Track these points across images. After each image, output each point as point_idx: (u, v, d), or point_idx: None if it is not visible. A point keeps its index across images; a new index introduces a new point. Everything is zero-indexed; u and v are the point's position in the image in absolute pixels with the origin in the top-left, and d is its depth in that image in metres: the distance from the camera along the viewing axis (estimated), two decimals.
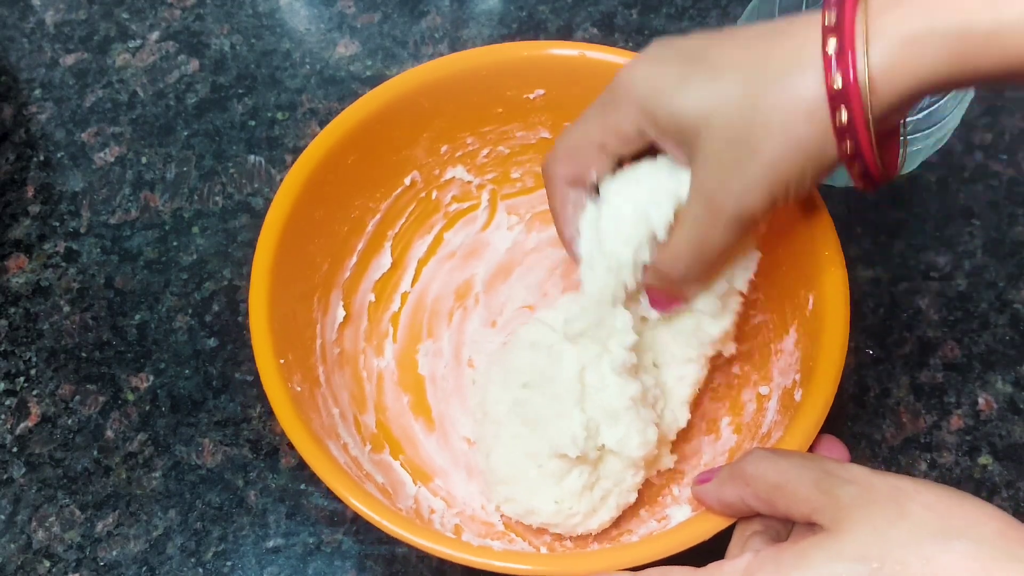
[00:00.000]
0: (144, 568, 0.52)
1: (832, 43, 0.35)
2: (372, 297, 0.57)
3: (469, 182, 0.59)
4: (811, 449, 0.44)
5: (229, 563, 0.52)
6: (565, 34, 0.71)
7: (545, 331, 0.52)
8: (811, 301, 0.49)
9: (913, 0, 0.34)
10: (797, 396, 0.47)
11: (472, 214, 0.60)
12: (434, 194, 0.59)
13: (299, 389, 0.47)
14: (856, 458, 0.55)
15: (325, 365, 0.52)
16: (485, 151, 0.58)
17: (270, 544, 0.53)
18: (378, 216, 0.57)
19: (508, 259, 0.60)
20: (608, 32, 0.71)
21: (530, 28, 0.71)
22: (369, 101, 0.53)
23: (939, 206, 0.62)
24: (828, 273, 0.47)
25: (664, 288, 0.47)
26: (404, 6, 0.72)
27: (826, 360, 0.45)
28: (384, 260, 0.58)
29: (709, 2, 0.72)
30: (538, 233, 0.61)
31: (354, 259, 0.56)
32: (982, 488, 0.53)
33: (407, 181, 0.57)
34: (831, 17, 0.35)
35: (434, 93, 0.54)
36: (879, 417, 0.56)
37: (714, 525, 0.42)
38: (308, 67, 0.69)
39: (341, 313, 0.55)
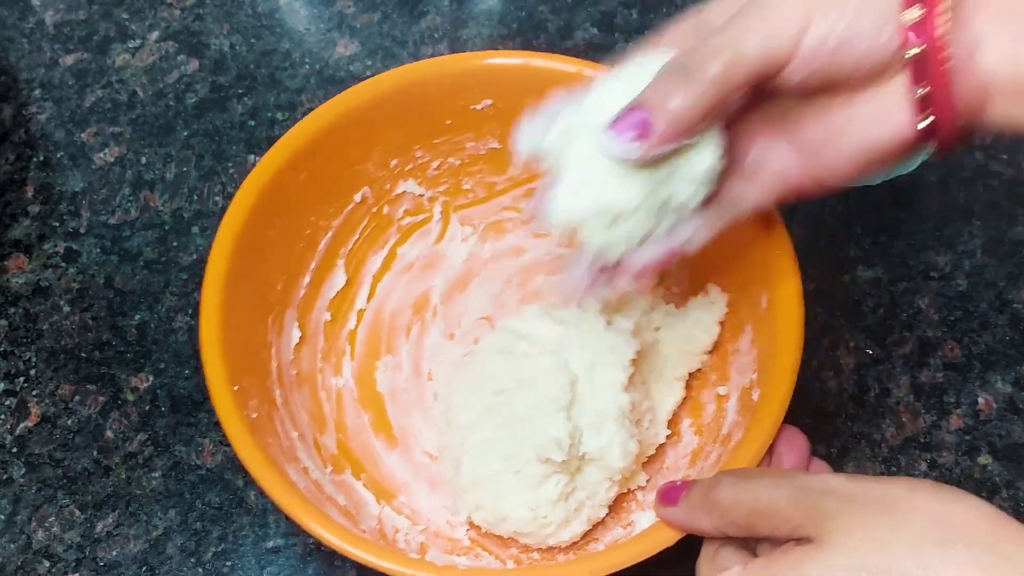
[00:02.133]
0: (144, 568, 0.52)
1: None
2: (328, 316, 0.57)
3: (421, 195, 0.59)
4: (772, 443, 0.44)
5: (229, 563, 0.52)
6: (565, 34, 0.71)
7: (515, 340, 0.52)
8: (764, 300, 0.49)
9: None
10: (755, 396, 0.47)
11: (426, 227, 0.60)
12: (386, 209, 0.58)
13: (255, 415, 0.47)
14: (856, 458, 0.55)
15: (282, 387, 0.52)
16: (436, 163, 0.58)
17: (270, 544, 0.53)
18: (330, 234, 0.56)
19: (465, 270, 0.60)
20: (608, 32, 0.71)
21: (530, 28, 0.71)
22: (318, 118, 0.52)
23: (939, 206, 0.62)
24: (779, 271, 0.47)
25: (654, 112, 0.38)
26: (404, 6, 0.72)
27: (782, 359, 0.45)
28: (338, 278, 0.57)
29: (709, 2, 0.72)
30: (493, 243, 0.60)
31: (307, 278, 0.55)
32: (982, 488, 0.53)
33: (357, 198, 0.56)
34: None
35: (383, 107, 0.54)
36: (879, 417, 0.56)
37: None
38: (308, 67, 0.69)
39: (297, 334, 0.54)
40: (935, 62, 0.34)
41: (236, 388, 0.46)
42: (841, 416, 0.56)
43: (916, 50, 0.35)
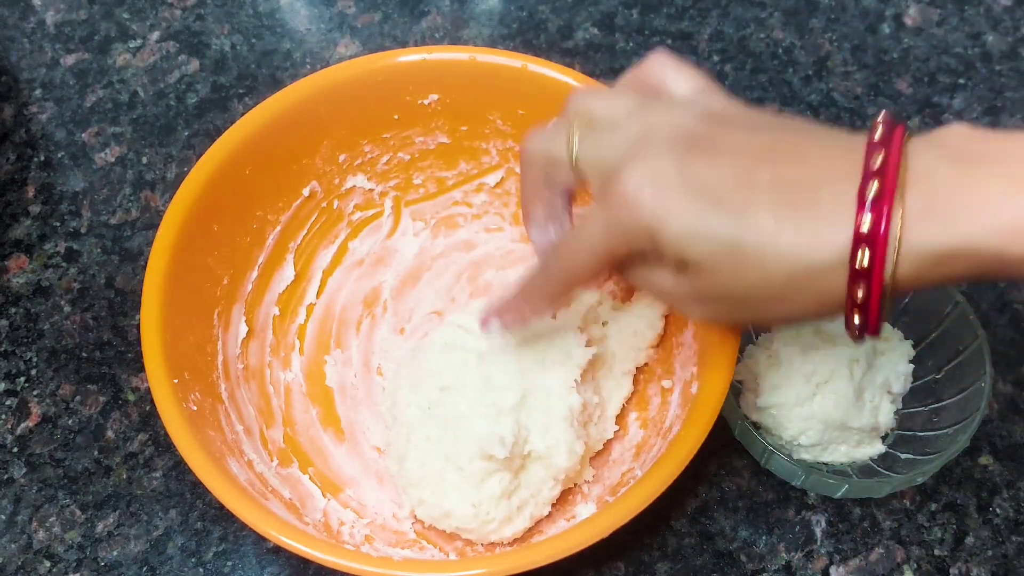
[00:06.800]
0: (144, 568, 0.52)
1: (865, 254, 0.34)
2: (276, 311, 0.56)
3: (371, 190, 0.59)
4: None
5: (229, 563, 0.52)
6: (565, 34, 0.71)
7: (461, 334, 0.52)
8: None
9: (952, 211, 0.33)
10: (694, 389, 0.47)
11: (376, 222, 0.60)
12: (336, 203, 0.58)
13: (195, 408, 0.46)
14: None
15: (228, 381, 0.51)
16: (385, 158, 0.58)
17: (270, 544, 0.53)
18: (278, 228, 0.56)
19: (416, 265, 0.60)
20: (608, 32, 0.71)
21: (530, 28, 0.71)
22: (260, 113, 0.52)
23: None
24: None
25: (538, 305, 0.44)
26: (404, 6, 0.72)
27: (719, 352, 0.45)
28: (287, 272, 0.57)
29: (709, 2, 0.72)
30: (444, 238, 0.61)
31: (255, 273, 0.55)
32: (982, 488, 0.53)
33: (306, 192, 0.56)
34: (866, 221, 0.34)
35: (329, 101, 0.54)
36: None
37: (613, 522, 0.42)
38: (308, 67, 0.69)
39: (244, 328, 0.54)
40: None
41: (176, 381, 0.46)
42: None
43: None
